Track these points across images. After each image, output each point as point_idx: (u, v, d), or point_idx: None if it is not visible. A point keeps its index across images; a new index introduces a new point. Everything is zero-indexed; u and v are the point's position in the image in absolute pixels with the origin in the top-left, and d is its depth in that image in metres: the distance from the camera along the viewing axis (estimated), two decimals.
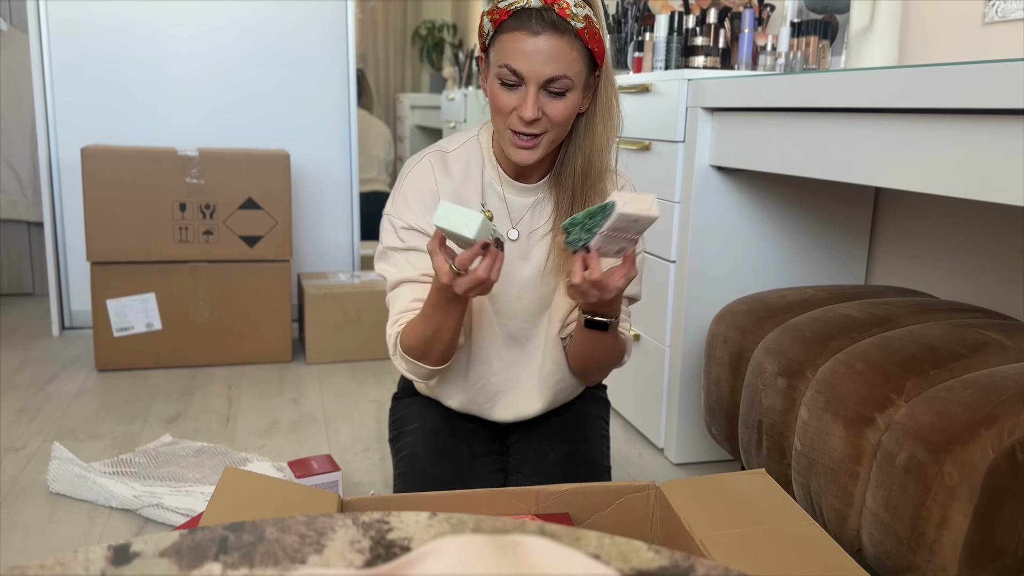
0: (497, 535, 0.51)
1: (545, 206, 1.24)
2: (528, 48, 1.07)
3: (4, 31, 3.29)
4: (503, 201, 1.24)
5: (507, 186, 1.23)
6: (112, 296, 2.50)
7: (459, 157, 1.25)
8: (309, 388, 2.46)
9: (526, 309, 1.26)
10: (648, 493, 1.14)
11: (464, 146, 1.26)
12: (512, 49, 1.08)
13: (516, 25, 1.07)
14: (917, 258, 1.87)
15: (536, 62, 1.08)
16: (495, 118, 1.15)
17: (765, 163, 1.59)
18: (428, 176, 1.23)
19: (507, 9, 1.08)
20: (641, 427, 2.10)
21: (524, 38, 1.07)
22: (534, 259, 1.25)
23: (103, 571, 0.50)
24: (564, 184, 1.21)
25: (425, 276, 1.22)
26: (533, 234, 1.24)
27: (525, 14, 1.07)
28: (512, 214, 1.24)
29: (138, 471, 1.81)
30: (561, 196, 1.21)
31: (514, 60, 1.08)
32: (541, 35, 1.07)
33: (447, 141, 1.27)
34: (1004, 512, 1.01)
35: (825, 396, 1.28)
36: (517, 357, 1.30)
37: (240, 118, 3.00)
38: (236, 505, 1.00)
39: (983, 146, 1.09)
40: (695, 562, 0.54)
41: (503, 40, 1.09)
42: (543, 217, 1.24)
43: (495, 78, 1.11)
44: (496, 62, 1.10)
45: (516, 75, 1.09)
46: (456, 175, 1.23)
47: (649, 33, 2.21)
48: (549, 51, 1.08)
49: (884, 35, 1.87)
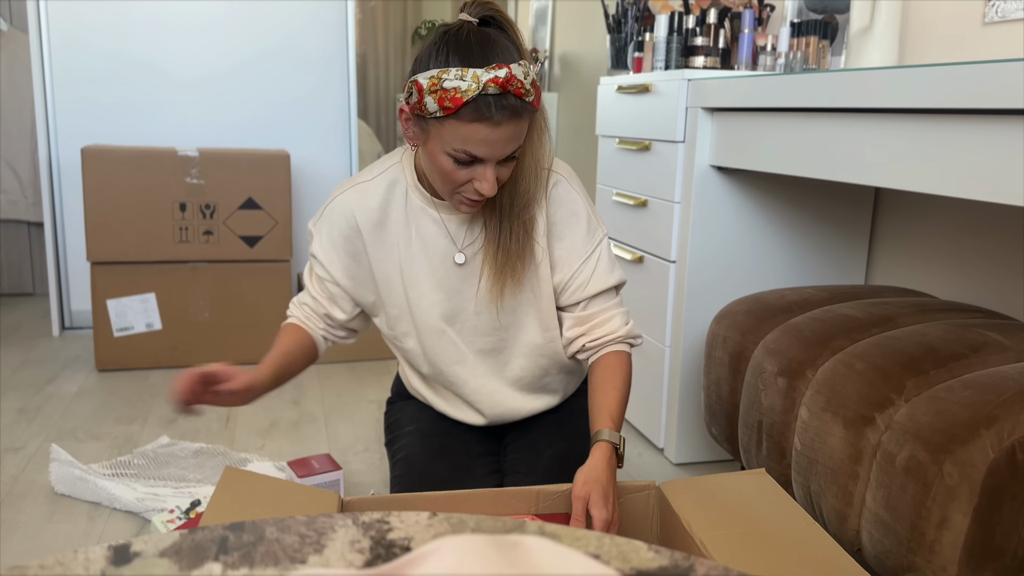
0: (497, 535, 0.51)
1: (477, 219, 1.22)
2: (491, 138, 1.03)
3: (4, 31, 3.29)
4: (440, 225, 1.21)
5: (441, 208, 1.21)
6: (112, 296, 2.50)
7: (378, 187, 1.22)
8: (309, 388, 2.46)
9: (488, 323, 1.25)
10: (648, 493, 1.14)
11: (384, 174, 1.23)
12: (470, 138, 1.03)
13: (474, 116, 1.01)
14: (917, 258, 1.87)
15: (497, 147, 1.04)
16: (441, 183, 1.11)
17: (765, 163, 1.59)
18: (347, 214, 1.23)
19: (460, 98, 1.00)
20: (641, 427, 2.10)
21: (485, 130, 1.02)
22: (482, 274, 1.23)
23: (103, 571, 0.50)
24: (491, 206, 1.18)
25: (323, 312, 1.30)
26: (471, 248, 1.23)
27: (483, 104, 1.00)
28: (452, 234, 1.22)
29: (138, 472, 1.81)
30: (489, 216, 1.19)
31: (473, 147, 1.04)
32: (502, 125, 1.02)
33: (367, 171, 1.25)
34: (1004, 512, 1.01)
35: (825, 396, 1.28)
36: (492, 368, 1.30)
37: (240, 118, 3.00)
38: (236, 505, 1.00)
39: (983, 146, 1.09)
40: (695, 562, 0.54)
41: (457, 127, 1.02)
42: (476, 230, 1.22)
43: (445, 155, 1.06)
44: (448, 142, 1.04)
45: (475, 158, 1.05)
46: (374, 207, 1.22)
47: (649, 33, 2.21)
48: (510, 136, 1.04)
49: (884, 35, 1.87)
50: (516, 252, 1.19)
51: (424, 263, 1.23)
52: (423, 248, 1.22)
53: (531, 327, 1.27)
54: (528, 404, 1.33)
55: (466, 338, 1.27)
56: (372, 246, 1.23)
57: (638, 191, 2.04)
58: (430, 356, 1.28)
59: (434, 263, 1.23)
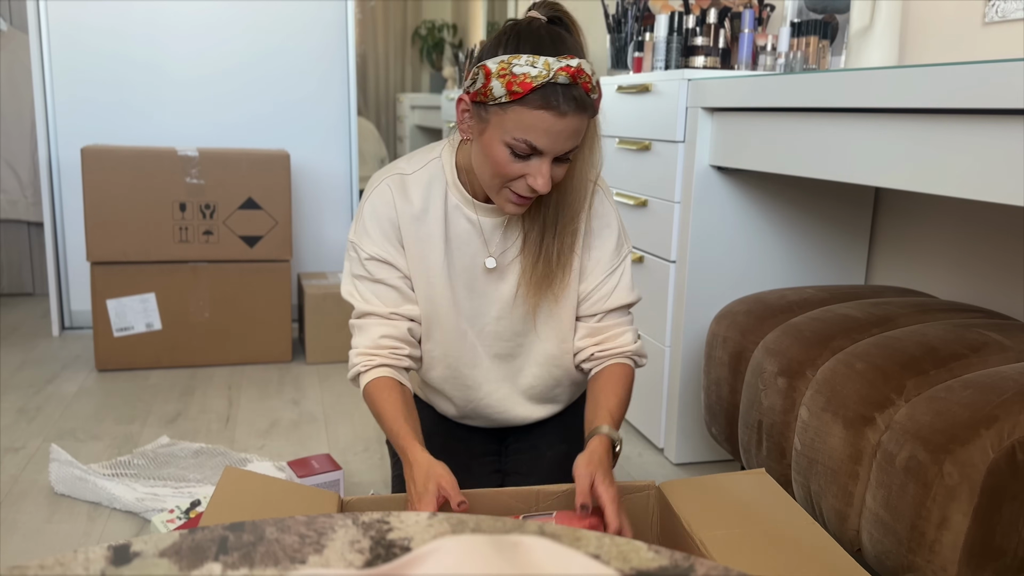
0: (497, 535, 0.51)
1: (513, 226, 1.21)
2: (554, 128, 1.02)
3: (4, 31, 3.29)
4: (475, 224, 1.20)
5: (478, 209, 1.20)
6: (112, 296, 2.50)
7: (419, 180, 1.20)
8: (309, 388, 2.46)
9: (508, 329, 1.25)
10: (648, 493, 1.14)
11: (425, 168, 1.21)
12: (533, 126, 1.02)
13: (542, 104, 1.00)
14: (917, 258, 1.87)
15: (559, 141, 1.03)
16: (492, 176, 1.09)
17: (765, 163, 1.59)
18: (387, 203, 1.19)
19: (530, 83, 1.00)
20: (641, 427, 2.10)
21: (550, 119, 1.01)
22: (509, 279, 1.22)
23: (103, 571, 0.50)
24: (534, 214, 1.17)
25: (394, 314, 1.21)
26: (505, 254, 1.22)
27: (551, 92, 1.00)
28: (486, 236, 1.21)
29: (138, 472, 1.81)
30: (531, 225, 1.18)
31: (535, 137, 1.02)
32: (568, 116, 1.01)
33: (407, 161, 1.23)
34: (1004, 512, 1.01)
35: (825, 396, 1.28)
36: (506, 374, 1.29)
37: (240, 118, 3.00)
38: (236, 505, 1.00)
39: (983, 146, 1.09)
40: (695, 562, 0.54)
41: (522, 113, 1.01)
42: (512, 237, 1.21)
43: (503, 144, 1.05)
44: (509, 131, 1.03)
45: (534, 149, 1.04)
46: (416, 201, 1.19)
47: (649, 33, 2.21)
48: (573, 129, 1.03)
49: (884, 35, 1.87)
50: (558, 264, 1.19)
51: (454, 263, 1.22)
52: (455, 247, 1.21)
53: (549, 337, 1.26)
54: (534, 413, 1.34)
55: (484, 342, 1.26)
56: (408, 239, 1.21)
57: (638, 191, 2.04)
58: (450, 358, 1.27)
59: (464, 263, 1.22)
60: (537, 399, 1.32)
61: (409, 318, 1.23)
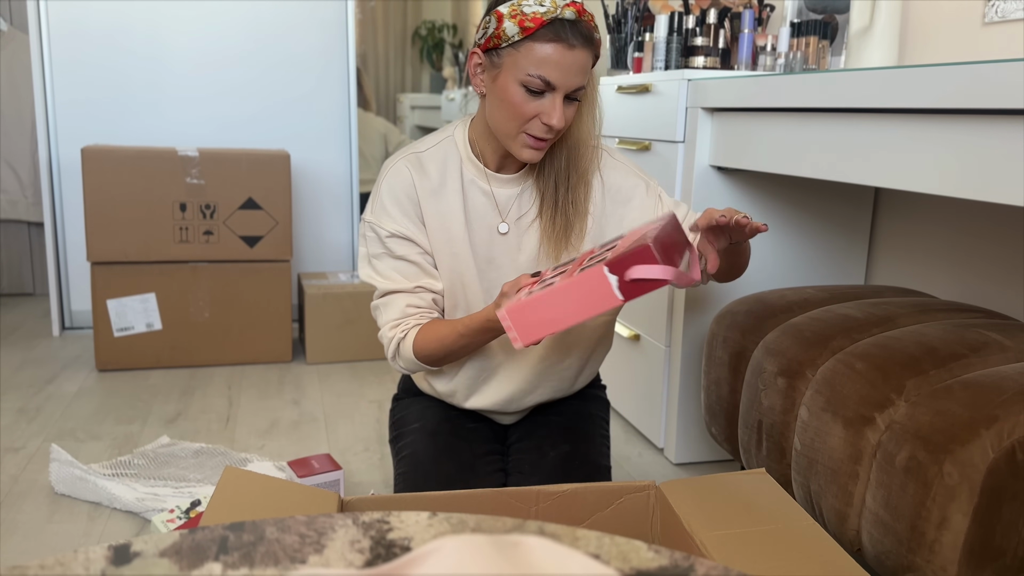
0: (497, 535, 0.51)
1: (528, 194, 1.26)
2: (564, 60, 1.09)
3: (4, 31, 3.29)
4: (489, 196, 1.25)
5: (492, 180, 1.25)
6: (112, 296, 2.50)
7: (434, 156, 1.25)
8: (309, 388, 2.46)
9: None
10: (648, 493, 1.14)
11: (439, 145, 1.26)
12: (545, 59, 1.09)
13: (552, 36, 1.08)
14: (917, 258, 1.87)
15: (569, 74, 1.10)
16: (507, 121, 1.15)
17: (765, 163, 1.59)
18: (405, 181, 1.23)
19: (540, 17, 1.08)
20: (641, 427, 2.10)
21: (561, 50, 1.09)
22: (526, 248, 1.26)
23: (103, 571, 0.50)
24: (547, 173, 1.23)
25: (419, 288, 1.23)
26: (521, 222, 1.26)
27: (560, 26, 1.08)
28: (500, 206, 1.25)
29: (138, 472, 1.81)
30: (545, 185, 1.23)
31: (548, 71, 1.09)
32: (576, 48, 1.09)
33: (420, 142, 1.28)
34: (1004, 512, 1.02)
35: (825, 396, 1.28)
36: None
37: (240, 118, 3.00)
38: (236, 505, 1.00)
39: (983, 146, 1.09)
40: (695, 562, 0.54)
41: (534, 48, 1.09)
42: (527, 205, 1.26)
43: (518, 84, 1.11)
44: (523, 68, 1.10)
45: (547, 84, 1.10)
46: (433, 175, 1.24)
47: (649, 33, 2.21)
48: (581, 64, 1.10)
49: (884, 35, 1.87)
50: (575, 214, 1.24)
51: (474, 235, 1.25)
52: (471, 218, 1.25)
53: None
54: (538, 389, 1.34)
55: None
56: (429, 214, 1.24)
57: None
58: None
59: (482, 236, 1.25)
60: (546, 372, 1.33)
61: (432, 291, 1.25)
